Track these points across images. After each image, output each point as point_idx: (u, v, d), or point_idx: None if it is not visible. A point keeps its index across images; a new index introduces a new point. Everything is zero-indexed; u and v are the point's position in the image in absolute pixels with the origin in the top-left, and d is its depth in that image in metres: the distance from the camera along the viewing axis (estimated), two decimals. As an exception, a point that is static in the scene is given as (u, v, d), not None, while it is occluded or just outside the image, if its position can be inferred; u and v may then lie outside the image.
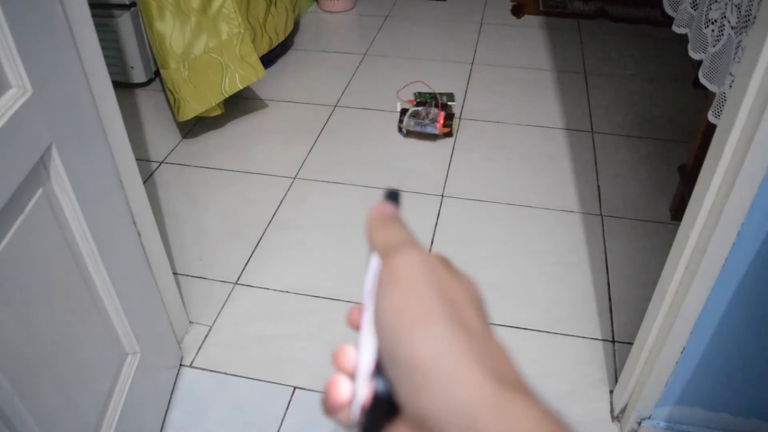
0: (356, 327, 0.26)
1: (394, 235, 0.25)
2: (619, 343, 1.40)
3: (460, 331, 0.20)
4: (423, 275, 0.22)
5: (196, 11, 1.87)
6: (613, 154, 2.01)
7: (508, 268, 1.59)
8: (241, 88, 1.97)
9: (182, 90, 1.90)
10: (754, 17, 1.12)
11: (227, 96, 1.96)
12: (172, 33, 1.87)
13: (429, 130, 2.04)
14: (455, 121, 2.11)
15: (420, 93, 2.24)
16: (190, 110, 1.93)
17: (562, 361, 1.36)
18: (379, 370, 0.23)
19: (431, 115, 2.06)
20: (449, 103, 2.19)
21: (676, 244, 1.01)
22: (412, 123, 2.05)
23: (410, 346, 0.20)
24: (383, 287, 0.23)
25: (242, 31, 1.94)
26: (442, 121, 2.03)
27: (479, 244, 1.67)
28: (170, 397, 1.28)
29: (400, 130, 2.09)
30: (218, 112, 2.02)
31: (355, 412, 0.23)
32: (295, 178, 1.90)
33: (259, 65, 1.99)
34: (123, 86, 2.31)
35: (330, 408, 0.24)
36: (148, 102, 2.28)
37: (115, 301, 1.00)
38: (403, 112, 2.10)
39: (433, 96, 2.19)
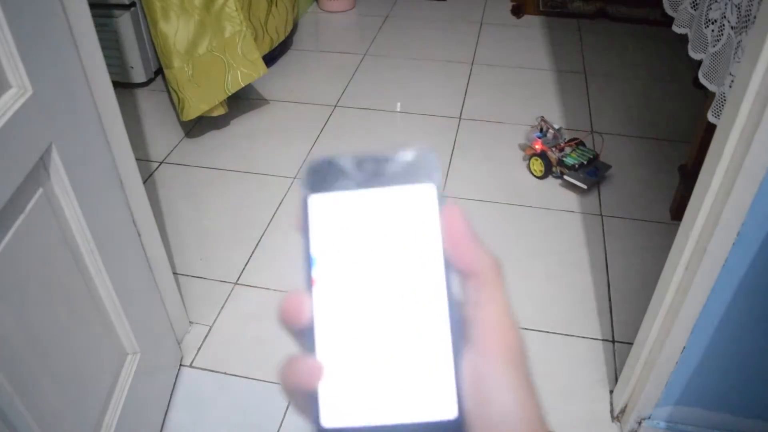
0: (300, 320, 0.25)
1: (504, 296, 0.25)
2: (619, 343, 1.40)
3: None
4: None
5: (200, 10, 1.87)
6: (613, 154, 2.01)
7: (507, 268, 1.57)
8: (243, 85, 1.97)
9: (186, 89, 1.91)
10: (754, 17, 1.12)
11: (230, 94, 1.96)
12: (176, 32, 1.87)
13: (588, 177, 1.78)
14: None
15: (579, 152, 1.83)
16: (195, 109, 1.93)
17: (562, 361, 1.36)
18: None
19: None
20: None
21: (676, 244, 1.01)
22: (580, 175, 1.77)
23: None
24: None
25: (244, 29, 1.94)
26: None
27: (479, 244, 1.66)
28: (170, 397, 1.28)
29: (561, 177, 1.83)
30: (222, 111, 2.02)
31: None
32: (295, 178, 1.90)
33: (261, 62, 1.99)
34: (123, 86, 2.31)
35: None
36: (148, 102, 2.28)
37: (115, 301, 1.00)
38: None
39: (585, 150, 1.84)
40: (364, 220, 0.24)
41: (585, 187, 1.76)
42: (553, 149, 1.81)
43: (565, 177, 1.80)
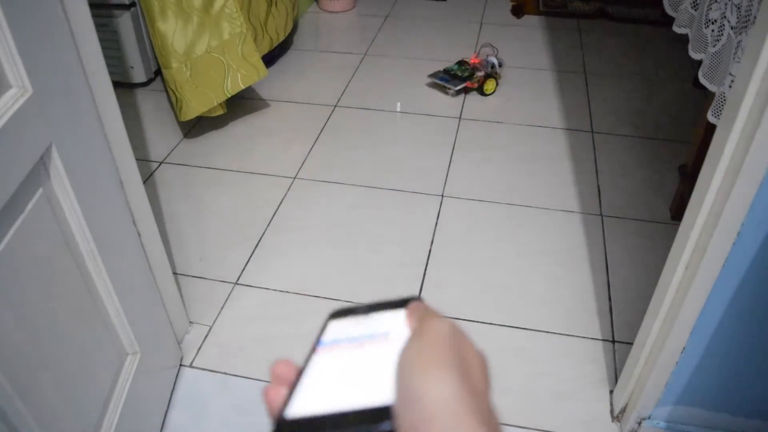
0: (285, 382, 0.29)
1: (432, 312, 0.30)
2: (619, 343, 1.40)
3: (466, 385, 0.24)
4: (446, 334, 0.27)
5: (199, 11, 1.87)
6: (613, 154, 2.01)
7: (508, 268, 1.59)
8: (243, 87, 1.97)
9: (184, 90, 1.90)
10: (754, 17, 1.12)
11: (230, 96, 1.96)
12: (174, 33, 1.87)
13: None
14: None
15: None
16: (193, 110, 1.93)
17: (562, 361, 1.36)
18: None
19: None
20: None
21: (676, 244, 1.01)
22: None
23: (424, 386, 0.24)
24: (412, 339, 0.27)
25: (244, 30, 1.94)
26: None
27: (479, 244, 1.67)
28: (170, 397, 1.28)
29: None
30: (220, 111, 2.02)
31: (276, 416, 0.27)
32: (295, 178, 1.90)
33: (261, 65, 1.99)
34: (123, 86, 2.31)
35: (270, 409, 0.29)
36: (148, 102, 2.28)
37: (115, 301, 1.00)
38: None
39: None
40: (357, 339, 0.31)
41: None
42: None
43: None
